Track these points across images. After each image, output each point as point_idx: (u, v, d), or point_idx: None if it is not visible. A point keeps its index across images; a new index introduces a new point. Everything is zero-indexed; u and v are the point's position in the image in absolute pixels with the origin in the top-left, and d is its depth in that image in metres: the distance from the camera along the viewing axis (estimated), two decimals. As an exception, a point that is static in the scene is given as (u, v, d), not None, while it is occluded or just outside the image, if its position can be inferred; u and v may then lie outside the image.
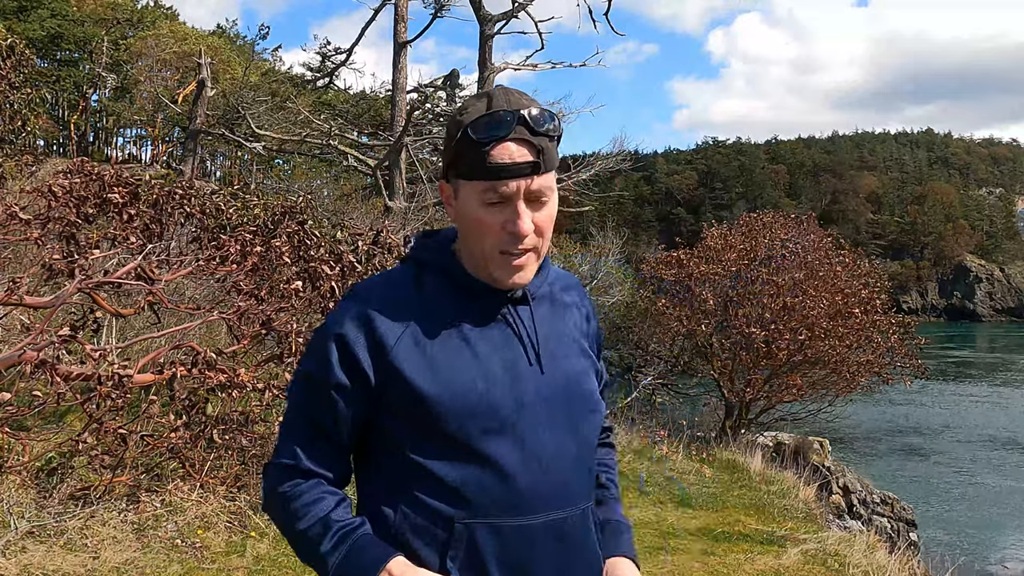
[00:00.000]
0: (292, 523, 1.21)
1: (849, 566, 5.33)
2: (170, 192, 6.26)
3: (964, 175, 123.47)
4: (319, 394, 1.22)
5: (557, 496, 1.22)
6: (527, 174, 1.17)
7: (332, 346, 1.22)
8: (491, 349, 1.23)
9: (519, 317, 1.27)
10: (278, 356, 4.58)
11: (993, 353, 45.34)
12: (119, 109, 31.49)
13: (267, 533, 4.25)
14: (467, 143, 1.18)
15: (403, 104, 17.48)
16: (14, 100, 10.90)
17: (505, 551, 1.18)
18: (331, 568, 1.16)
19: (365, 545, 1.17)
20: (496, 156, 1.16)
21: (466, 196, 1.21)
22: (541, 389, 1.24)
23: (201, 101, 17.78)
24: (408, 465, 1.21)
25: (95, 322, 4.22)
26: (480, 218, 1.20)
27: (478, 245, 1.22)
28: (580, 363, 1.33)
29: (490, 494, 1.18)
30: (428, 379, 1.19)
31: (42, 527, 3.71)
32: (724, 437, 9.99)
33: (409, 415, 1.19)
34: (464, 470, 1.18)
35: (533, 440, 1.21)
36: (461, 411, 1.18)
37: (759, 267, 10.37)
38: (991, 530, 11.15)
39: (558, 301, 1.36)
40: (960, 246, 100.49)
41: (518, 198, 1.18)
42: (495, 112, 1.18)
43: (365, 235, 6.15)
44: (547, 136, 1.19)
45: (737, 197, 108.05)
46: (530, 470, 1.20)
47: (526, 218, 1.19)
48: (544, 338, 1.28)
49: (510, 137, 1.17)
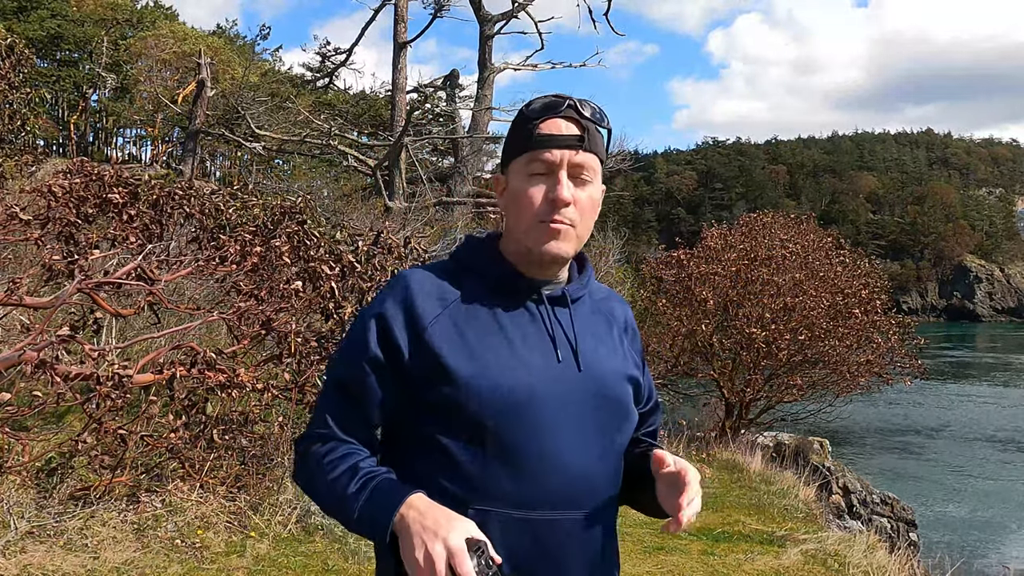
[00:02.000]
0: (321, 477, 1.24)
1: (849, 566, 5.33)
2: (170, 192, 6.26)
3: (964, 175, 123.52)
4: (355, 369, 1.27)
5: (571, 496, 1.23)
6: (572, 145, 1.25)
7: (372, 323, 1.27)
8: (525, 343, 1.26)
9: (555, 317, 1.30)
10: (278, 356, 4.58)
11: (993, 353, 45.33)
12: (119, 109, 31.49)
13: (267, 533, 4.25)
14: (522, 122, 1.29)
15: (403, 104, 17.50)
16: (14, 100, 10.91)
17: (512, 543, 1.19)
18: (357, 509, 1.18)
19: (389, 486, 1.19)
20: (544, 128, 1.26)
21: (515, 174, 1.29)
22: (572, 390, 1.26)
23: (201, 101, 17.78)
24: (431, 447, 1.23)
25: (95, 322, 4.23)
26: (525, 190, 1.26)
27: (521, 220, 1.28)
28: (619, 371, 1.34)
29: (503, 485, 1.20)
30: (462, 360, 1.22)
31: (42, 527, 3.71)
32: (724, 437, 9.98)
33: (438, 395, 1.22)
34: (482, 458, 1.20)
35: (554, 437, 1.22)
36: (489, 397, 1.20)
37: (759, 267, 10.36)
38: (991, 530, 11.16)
39: (600, 310, 1.39)
40: (960, 246, 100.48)
41: (561, 168, 1.25)
42: (550, 96, 1.29)
43: (365, 235, 6.14)
44: (595, 123, 1.28)
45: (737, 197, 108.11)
46: (546, 467, 1.21)
47: (566, 187, 1.25)
48: (582, 340, 1.31)
49: (560, 114, 1.27)
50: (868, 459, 15.06)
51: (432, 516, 1.11)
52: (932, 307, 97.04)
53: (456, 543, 1.06)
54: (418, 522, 1.10)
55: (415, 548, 1.08)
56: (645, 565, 5.08)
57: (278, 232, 6.00)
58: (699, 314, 10.28)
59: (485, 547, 1.09)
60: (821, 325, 9.79)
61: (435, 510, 1.13)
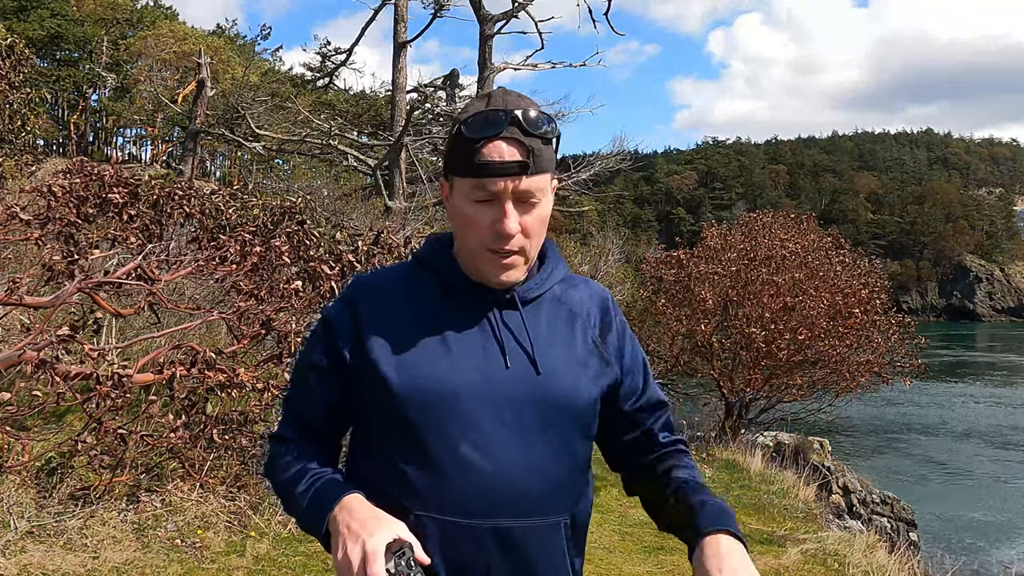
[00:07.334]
0: (278, 479, 1.28)
1: (849, 566, 5.34)
2: (170, 192, 6.26)
3: (964, 175, 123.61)
4: (306, 372, 1.31)
5: (511, 504, 1.19)
6: (515, 173, 1.17)
7: (320, 328, 1.31)
8: (466, 350, 1.23)
9: (504, 321, 1.26)
10: (278, 356, 4.58)
11: (993, 353, 45.34)
12: (119, 109, 31.50)
13: (267, 533, 4.26)
14: (461, 140, 1.19)
15: (403, 104, 17.49)
16: (14, 100, 10.90)
17: (449, 549, 1.18)
18: (302, 508, 1.21)
19: (330, 486, 1.21)
20: (486, 154, 1.17)
21: (458, 193, 1.23)
22: (518, 395, 1.22)
23: (201, 101, 17.78)
24: (378, 452, 1.24)
25: (95, 322, 4.22)
26: (469, 215, 1.21)
27: (468, 242, 1.24)
28: (574, 371, 1.27)
29: (440, 491, 1.18)
30: (396, 369, 1.21)
31: (42, 527, 3.71)
32: (724, 437, 9.97)
33: (377, 402, 1.23)
34: (420, 464, 1.19)
35: (494, 445, 1.19)
36: (422, 405, 1.19)
37: (759, 267, 10.35)
38: (991, 530, 11.16)
39: (564, 307, 1.32)
40: (960, 246, 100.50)
41: (506, 197, 1.18)
42: (489, 111, 1.19)
43: (365, 235, 6.15)
44: (541, 138, 1.19)
45: (737, 197, 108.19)
46: (483, 474, 1.18)
47: (512, 218, 1.19)
48: (533, 341, 1.25)
49: (501, 136, 1.17)
50: (868, 459, 15.07)
51: (360, 517, 1.11)
52: (932, 307, 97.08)
53: (373, 546, 1.05)
54: (345, 523, 1.11)
55: (337, 549, 1.10)
56: (645, 565, 5.09)
57: (278, 232, 6.01)
58: (699, 314, 10.27)
59: (410, 548, 1.07)
60: (821, 325, 9.78)
61: (365, 510, 1.13)
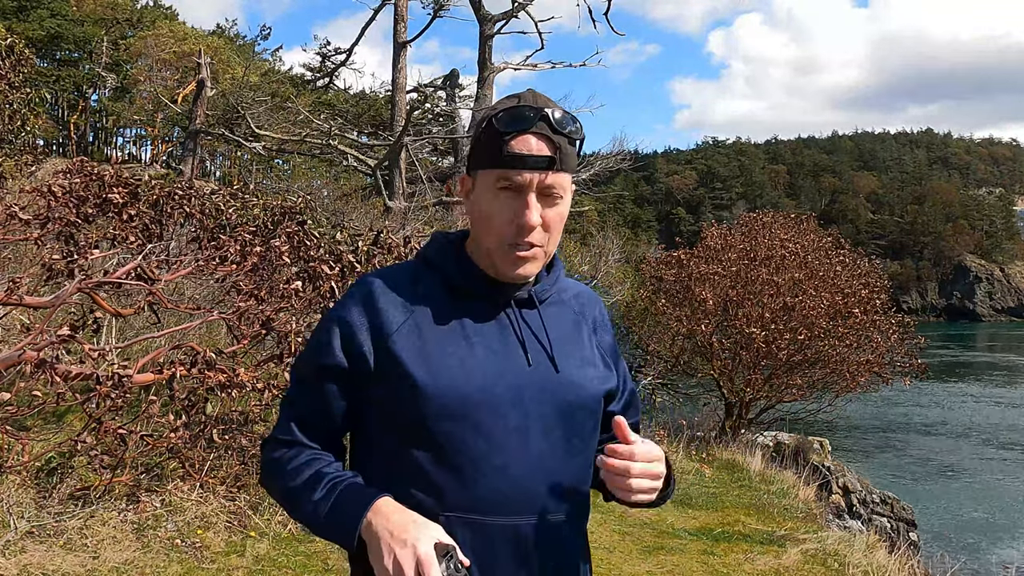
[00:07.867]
0: (286, 484, 1.24)
1: (849, 566, 5.33)
2: (170, 192, 6.26)
3: (964, 175, 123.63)
4: (318, 374, 1.26)
5: (526, 501, 1.21)
6: (543, 167, 1.20)
7: (336, 329, 1.26)
8: (487, 348, 1.24)
9: (523, 319, 1.28)
10: (278, 356, 4.58)
11: (993, 353, 45.34)
12: (119, 109, 31.51)
13: (267, 533, 4.26)
14: (490, 133, 1.22)
15: (403, 104, 17.49)
16: (14, 100, 10.90)
17: (481, 549, 1.19)
18: (322, 515, 1.17)
19: (355, 491, 1.18)
20: (515, 146, 1.20)
21: (482, 185, 1.24)
22: (537, 394, 1.24)
23: (201, 101, 17.77)
24: (397, 455, 1.22)
25: (95, 322, 4.22)
26: (492, 208, 1.22)
27: (487, 236, 1.24)
28: (588, 371, 1.31)
29: (467, 491, 1.19)
30: (422, 368, 1.20)
31: (42, 527, 3.71)
32: (724, 437, 9.97)
33: (401, 402, 1.21)
34: (444, 464, 1.19)
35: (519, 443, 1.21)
36: (450, 404, 1.19)
37: (759, 267, 10.35)
38: (991, 530, 11.16)
39: (569, 309, 1.36)
40: (960, 246, 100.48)
41: (530, 190, 1.21)
42: (520, 106, 1.22)
43: (365, 235, 6.15)
44: (567, 138, 1.22)
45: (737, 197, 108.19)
46: (509, 473, 1.20)
47: (535, 211, 1.21)
48: (554, 342, 1.28)
49: (531, 131, 1.20)
50: (868, 459, 15.07)
51: (399, 522, 1.11)
52: (932, 307, 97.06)
53: (424, 550, 1.06)
54: (385, 528, 1.10)
55: (383, 556, 1.08)
56: (645, 565, 5.08)
57: (278, 232, 6.00)
58: (699, 314, 10.27)
59: (454, 551, 1.08)
60: (821, 325, 9.78)
61: (401, 515, 1.13)
